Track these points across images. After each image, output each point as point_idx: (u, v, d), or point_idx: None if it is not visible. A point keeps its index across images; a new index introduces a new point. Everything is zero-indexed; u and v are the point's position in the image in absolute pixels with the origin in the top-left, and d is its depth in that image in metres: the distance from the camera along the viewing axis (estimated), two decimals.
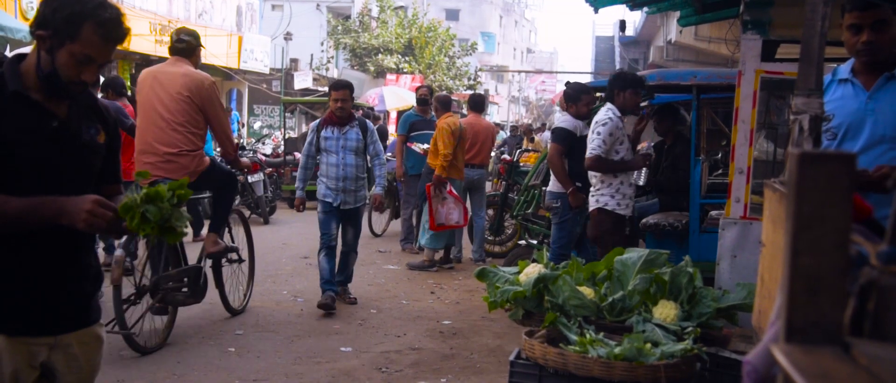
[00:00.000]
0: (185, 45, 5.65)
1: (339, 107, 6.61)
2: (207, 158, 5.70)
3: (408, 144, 9.48)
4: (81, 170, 2.33)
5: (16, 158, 2.17)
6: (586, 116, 6.60)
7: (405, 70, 29.93)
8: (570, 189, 6.26)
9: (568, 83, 6.96)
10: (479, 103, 9.63)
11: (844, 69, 3.29)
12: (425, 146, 9.03)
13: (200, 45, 5.82)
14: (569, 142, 6.35)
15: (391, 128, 18.95)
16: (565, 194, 6.30)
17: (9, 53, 9.78)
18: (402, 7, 33.21)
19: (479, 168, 9.09)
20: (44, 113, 2.24)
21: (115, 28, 2.22)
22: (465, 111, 13.04)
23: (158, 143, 5.48)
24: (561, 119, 6.80)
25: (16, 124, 2.18)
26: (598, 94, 7.14)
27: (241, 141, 17.10)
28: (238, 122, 21.44)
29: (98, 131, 2.38)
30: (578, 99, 6.57)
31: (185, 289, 5.62)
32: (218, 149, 8.69)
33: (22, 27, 10.49)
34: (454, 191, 8.40)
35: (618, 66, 32.88)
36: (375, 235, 10.75)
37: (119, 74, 15.96)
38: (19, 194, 2.14)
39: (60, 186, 2.22)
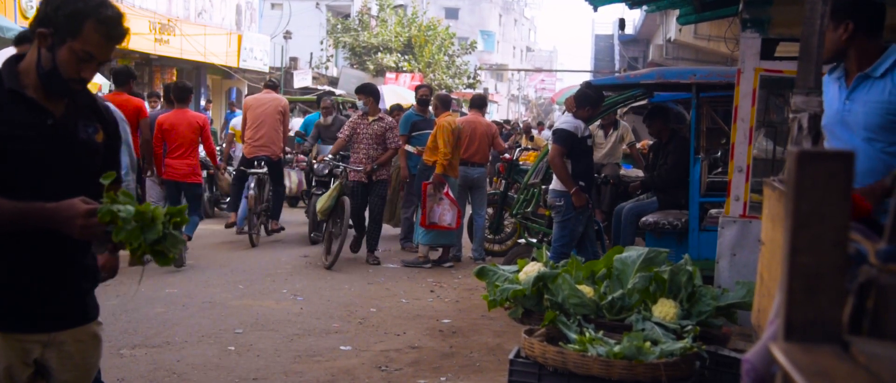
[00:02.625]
0: (273, 85, 10.47)
1: None
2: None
3: (406, 146, 9.50)
4: (79, 170, 2.32)
5: (10, 155, 2.17)
6: (590, 118, 6.60)
7: (405, 68, 29.91)
8: (573, 189, 6.27)
9: (587, 83, 6.87)
10: (480, 102, 9.67)
11: (840, 69, 3.30)
12: (420, 147, 9.08)
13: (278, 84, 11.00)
14: (570, 143, 6.35)
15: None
16: (568, 193, 6.31)
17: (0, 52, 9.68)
18: (401, 5, 33.19)
19: (479, 166, 9.10)
20: (39, 111, 2.24)
21: (116, 26, 2.25)
22: (465, 110, 13.02)
23: (269, 137, 9.53)
24: (562, 120, 6.76)
25: (10, 121, 2.18)
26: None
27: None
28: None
29: (96, 130, 2.38)
30: (598, 103, 6.54)
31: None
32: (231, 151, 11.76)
33: (19, 27, 10.45)
34: (451, 194, 8.43)
35: (617, 65, 32.84)
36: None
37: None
38: (15, 192, 2.15)
39: (58, 185, 2.22)
